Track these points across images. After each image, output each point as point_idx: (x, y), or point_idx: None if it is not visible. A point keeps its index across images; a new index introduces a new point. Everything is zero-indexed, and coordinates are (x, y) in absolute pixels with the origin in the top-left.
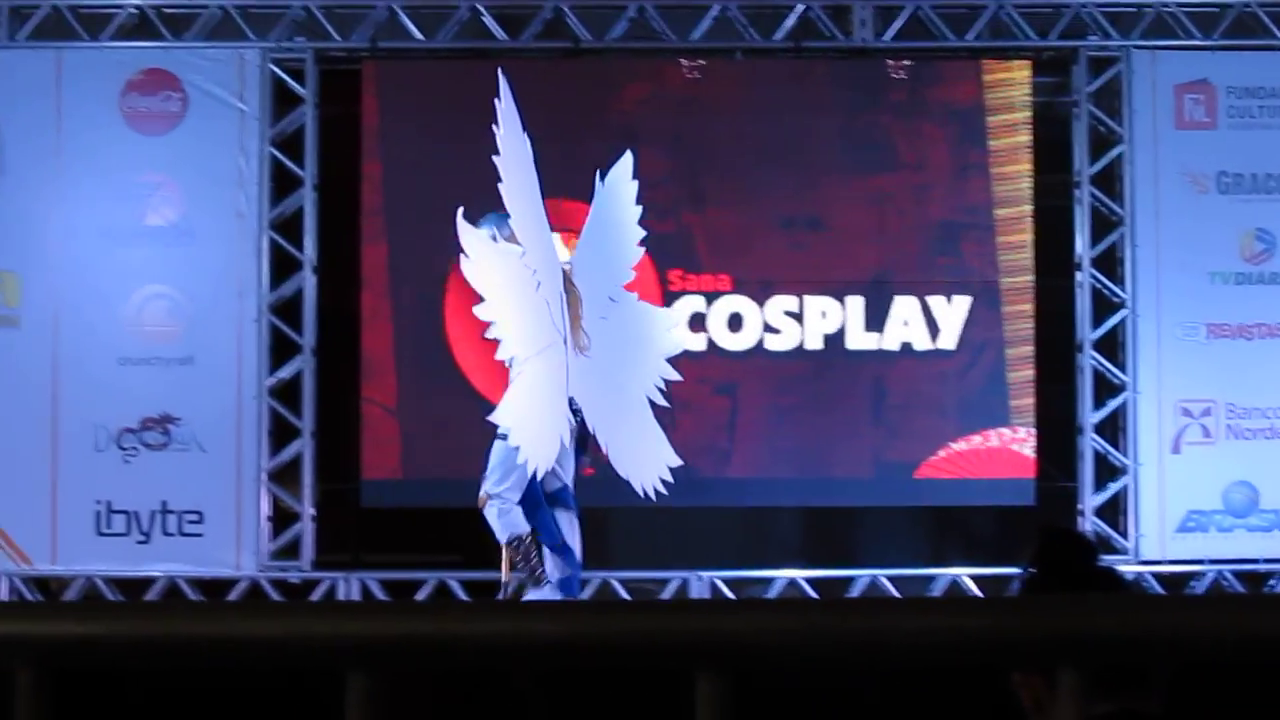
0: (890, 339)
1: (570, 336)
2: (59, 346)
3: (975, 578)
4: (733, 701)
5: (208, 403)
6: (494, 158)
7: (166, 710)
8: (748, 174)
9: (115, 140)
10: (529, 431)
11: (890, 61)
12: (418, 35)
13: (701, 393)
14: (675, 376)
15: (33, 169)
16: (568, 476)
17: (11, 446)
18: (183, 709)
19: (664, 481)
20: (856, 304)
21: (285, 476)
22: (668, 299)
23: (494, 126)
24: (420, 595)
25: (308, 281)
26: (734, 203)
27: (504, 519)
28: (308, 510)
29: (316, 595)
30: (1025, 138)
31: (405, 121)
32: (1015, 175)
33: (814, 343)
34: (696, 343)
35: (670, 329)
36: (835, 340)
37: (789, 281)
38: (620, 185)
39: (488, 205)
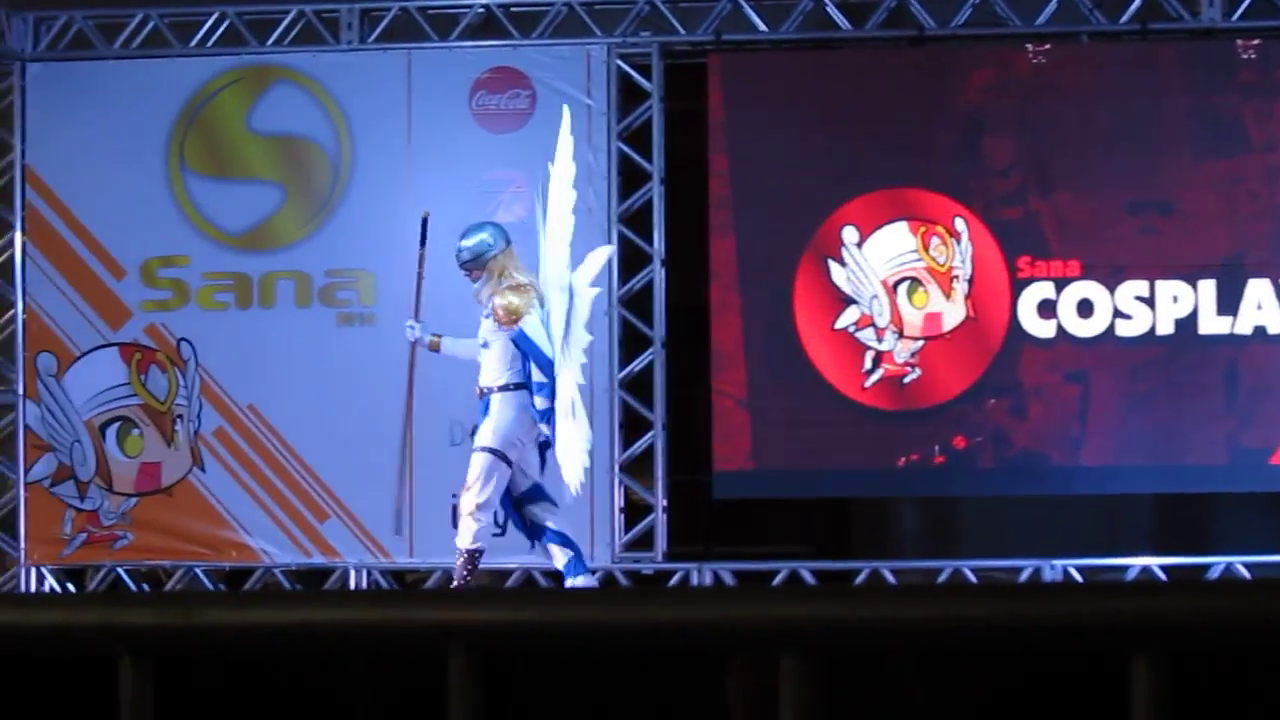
0: (1244, 323)
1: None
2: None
3: None
4: (1171, 687)
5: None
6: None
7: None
8: (1095, 159)
9: (465, 138)
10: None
11: (1240, 41)
12: (761, 27)
13: (1052, 380)
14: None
15: (384, 168)
16: (535, 474)
17: (369, 442)
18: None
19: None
20: (1208, 288)
21: (637, 468)
22: (1016, 286)
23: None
24: (773, 584)
25: (657, 275)
26: (1082, 188)
27: (478, 530)
28: (660, 502)
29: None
30: None
31: (751, 113)
32: None
33: (1165, 328)
34: (1046, 330)
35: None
36: (1187, 325)
37: (1139, 266)
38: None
39: (835, 196)
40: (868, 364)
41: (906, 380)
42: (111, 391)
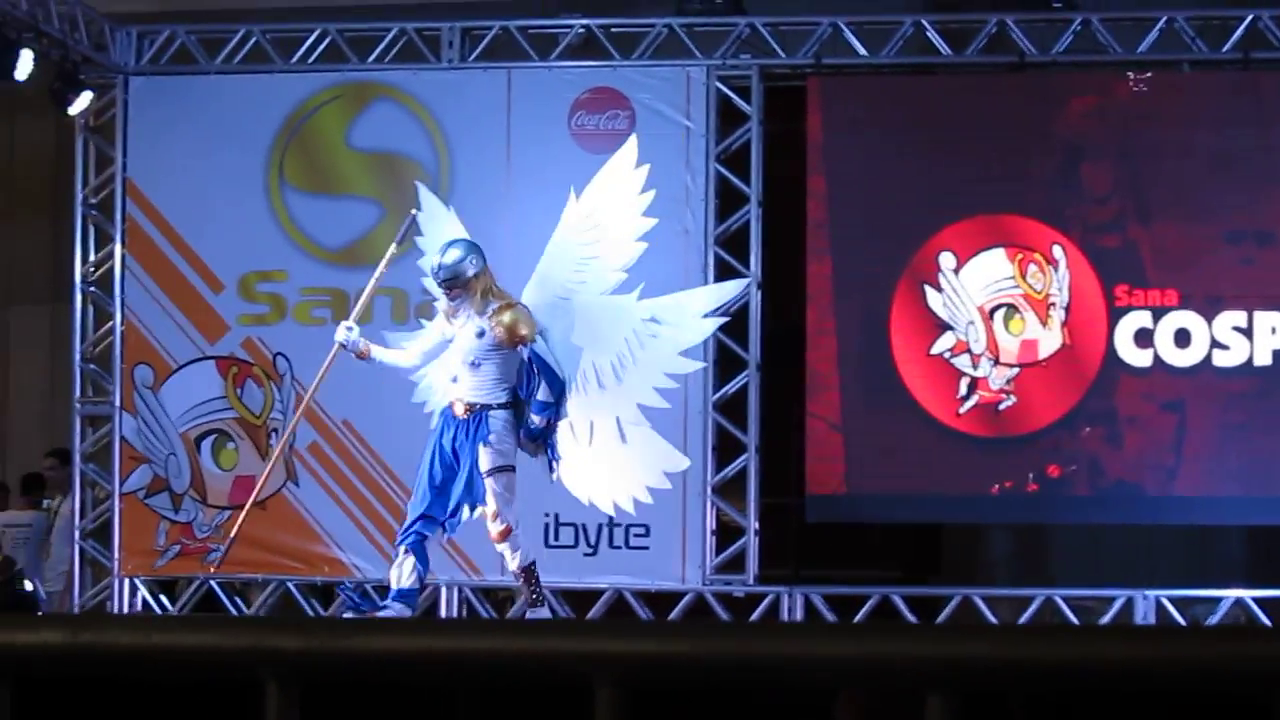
0: None
1: None
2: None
3: None
4: None
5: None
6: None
7: None
8: (1194, 188)
9: (563, 158)
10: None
11: None
12: (861, 50)
13: (1148, 410)
14: None
15: (483, 186)
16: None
17: None
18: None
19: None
20: None
21: (729, 490)
22: (1113, 315)
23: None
24: (863, 611)
25: (753, 297)
26: (1180, 217)
27: (524, 547)
28: (752, 524)
29: (759, 610)
30: None
31: (849, 137)
32: None
33: (1263, 358)
34: (1142, 359)
35: None
36: None
37: (1237, 296)
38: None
39: (933, 221)
40: (963, 390)
41: (1001, 407)
42: (207, 405)
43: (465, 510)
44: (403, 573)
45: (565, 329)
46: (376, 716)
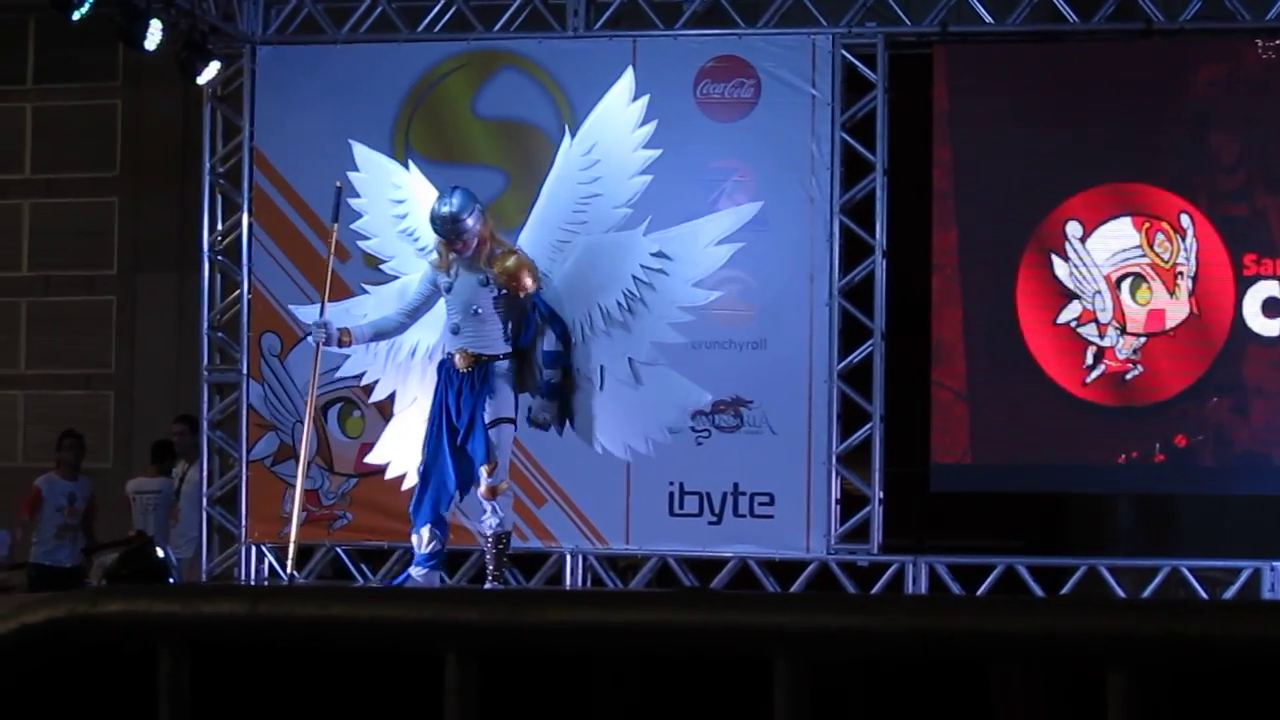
0: None
1: None
2: None
3: None
4: None
5: (779, 386)
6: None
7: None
8: None
9: (689, 126)
10: None
11: None
12: (988, 18)
13: (1276, 379)
14: None
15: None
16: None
17: None
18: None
19: None
20: None
21: (853, 459)
22: (1241, 284)
23: None
24: (988, 581)
25: (878, 266)
26: None
27: (507, 512)
28: (876, 494)
29: (883, 580)
30: None
31: (976, 105)
32: None
33: None
34: (1270, 328)
35: None
36: None
37: None
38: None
39: (1059, 190)
40: (1089, 359)
41: (1128, 376)
42: (333, 373)
43: (478, 469)
44: (423, 539)
45: (568, 272)
46: (557, 689)
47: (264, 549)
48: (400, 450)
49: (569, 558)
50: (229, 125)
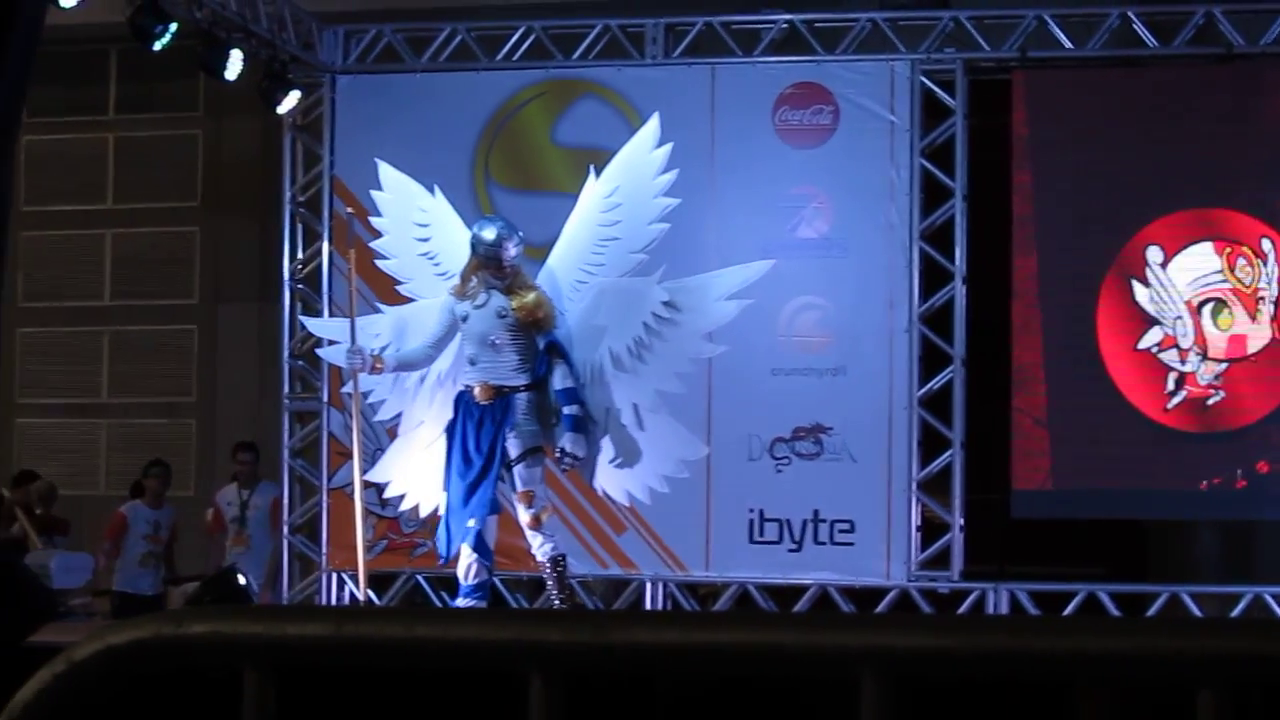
0: None
1: None
2: (714, 358)
3: None
4: None
5: (859, 412)
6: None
7: None
8: None
9: (767, 153)
10: None
11: None
12: (1067, 43)
13: None
14: None
15: (687, 182)
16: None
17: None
18: None
19: None
20: None
21: (934, 486)
22: None
23: None
24: (1069, 608)
25: (958, 292)
26: None
27: (555, 537)
28: (957, 520)
29: (963, 607)
30: None
31: (1055, 130)
32: None
33: None
34: None
35: None
36: None
37: None
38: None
39: (1139, 215)
40: (1170, 385)
41: (1210, 402)
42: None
43: (495, 498)
44: (469, 571)
45: (584, 312)
46: (640, 709)
47: (344, 576)
48: (411, 480)
49: (649, 585)
50: (309, 154)
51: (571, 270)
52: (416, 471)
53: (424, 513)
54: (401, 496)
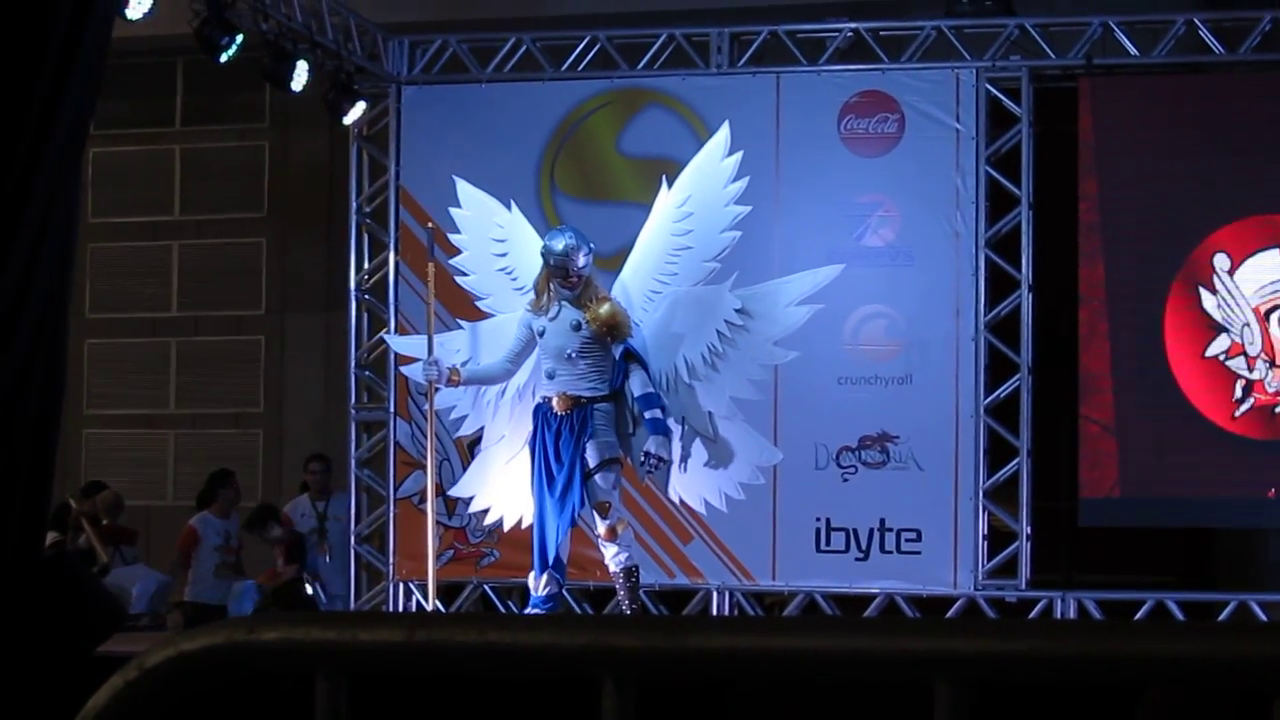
0: None
1: None
2: (780, 366)
3: None
4: None
5: (925, 421)
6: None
7: None
8: None
9: (833, 162)
10: None
11: None
12: (1132, 50)
13: None
14: None
15: (753, 191)
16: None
17: None
18: None
19: None
20: None
21: (1001, 494)
22: None
23: None
24: (1137, 616)
25: (1024, 300)
26: None
27: (631, 548)
28: (1024, 529)
29: (1031, 615)
30: None
31: (1121, 137)
32: None
33: None
34: None
35: None
36: None
37: None
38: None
39: (1207, 222)
40: (1238, 393)
41: (1278, 410)
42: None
43: (576, 509)
44: (540, 582)
45: (659, 322)
46: (710, 716)
47: (411, 586)
48: (496, 494)
49: (715, 594)
50: (375, 165)
51: (645, 280)
52: (500, 485)
53: (508, 526)
54: (485, 511)
